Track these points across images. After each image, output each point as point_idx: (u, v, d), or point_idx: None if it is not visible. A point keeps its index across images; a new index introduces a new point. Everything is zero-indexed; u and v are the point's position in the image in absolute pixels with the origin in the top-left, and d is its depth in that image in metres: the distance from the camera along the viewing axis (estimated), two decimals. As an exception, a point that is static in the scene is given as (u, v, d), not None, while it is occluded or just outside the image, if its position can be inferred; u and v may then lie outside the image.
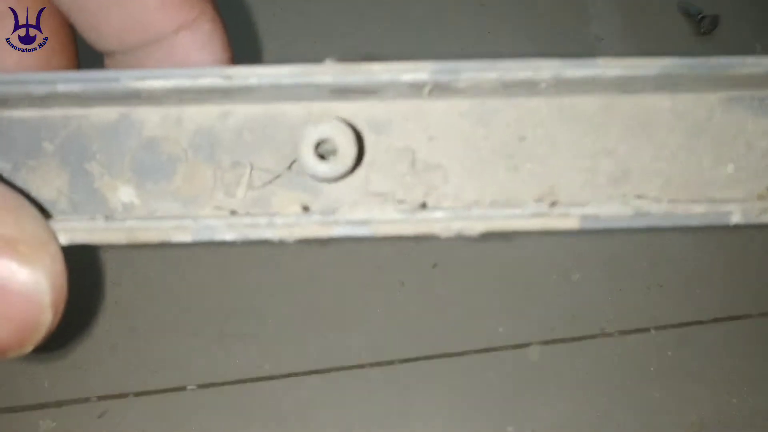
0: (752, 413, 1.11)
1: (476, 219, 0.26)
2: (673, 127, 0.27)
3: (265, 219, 0.26)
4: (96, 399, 1.07)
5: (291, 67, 0.25)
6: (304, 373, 1.10)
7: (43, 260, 0.23)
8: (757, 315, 1.19)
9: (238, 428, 1.07)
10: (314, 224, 0.26)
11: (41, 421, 1.04)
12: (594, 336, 1.17)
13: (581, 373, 1.14)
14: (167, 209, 0.28)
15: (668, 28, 1.48)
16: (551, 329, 1.17)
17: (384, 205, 0.27)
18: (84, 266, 1.10)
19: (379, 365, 1.12)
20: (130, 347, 1.11)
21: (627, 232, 1.25)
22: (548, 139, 0.27)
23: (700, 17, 1.46)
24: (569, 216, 0.26)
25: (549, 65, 0.24)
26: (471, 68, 0.25)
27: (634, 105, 0.27)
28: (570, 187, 0.27)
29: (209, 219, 0.26)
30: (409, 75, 0.25)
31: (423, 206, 0.27)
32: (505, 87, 0.26)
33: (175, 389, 1.08)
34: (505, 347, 1.15)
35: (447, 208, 0.27)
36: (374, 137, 0.28)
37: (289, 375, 1.10)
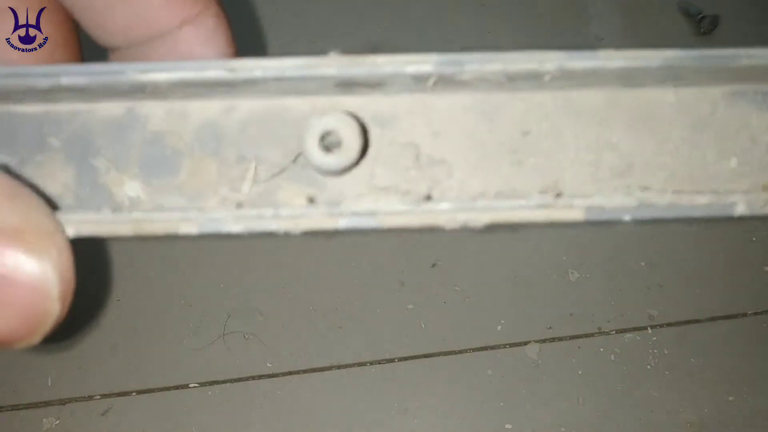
0: (751, 412, 1.11)
1: (481, 210, 0.26)
2: (677, 121, 0.27)
3: (271, 210, 0.26)
4: (99, 397, 1.07)
5: (295, 60, 0.25)
6: (305, 371, 1.11)
7: (50, 251, 0.23)
8: (753, 314, 1.19)
9: (240, 425, 1.07)
10: (320, 215, 0.26)
11: (45, 419, 1.05)
12: (591, 334, 1.17)
13: (579, 371, 1.14)
14: (173, 204, 0.27)
15: (668, 28, 1.48)
16: (549, 328, 1.17)
17: (389, 197, 0.27)
18: (87, 265, 1.10)
19: (380, 363, 1.12)
20: (133, 346, 1.11)
21: (625, 232, 1.25)
22: (552, 134, 0.27)
23: (700, 17, 1.46)
24: (574, 207, 0.26)
25: (553, 57, 0.24)
26: (475, 60, 0.25)
27: (638, 99, 0.27)
28: (574, 181, 0.27)
29: (215, 211, 0.26)
30: (414, 67, 0.25)
31: (428, 198, 0.27)
32: (510, 80, 0.26)
33: (178, 387, 1.08)
34: (504, 345, 1.15)
35: (452, 200, 0.27)
36: (378, 132, 0.28)
37: (290, 373, 1.10)
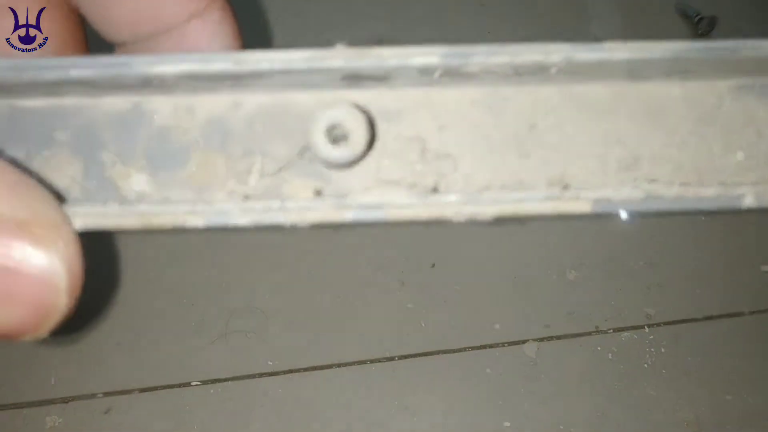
0: (748, 411, 1.12)
1: (488, 203, 0.26)
2: (683, 115, 0.27)
3: (278, 203, 0.26)
4: (102, 395, 1.07)
5: (302, 52, 0.25)
6: (306, 369, 1.11)
7: (58, 243, 0.23)
8: (750, 313, 1.19)
9: (241, 423, 1.07)
10: (327, 208, 0.26)
11: (48, 417, 1.04)
12: (589, 333, 1.17)
13: (577, 370, 1.14)
14: (180, 197, 0.27)
15: (667, 29, 1.49)
16: (547, 326, 1.17)
17: (396, 190, 0.27)
18: (90, 263, 1.09)
19: (380, 362, 1.12)
20: (135, 344, 1.11)
21: (623, 231, 1.26)
22: (559, 127, 0.27)
23: (698, 18, 1.46)
24: (581, 200, 0.26)
25: (559, 48, 0.24)
26: (481, 52, 0.24)
27: (644, 93, 0.27)
28: (581, 173, 0.27)
29: (222, 204, 0.26)
30: (420, 59, 0.25)
31: (435, 191, 0.27)
32: (516, 72, 0.26)
33: (180, 385, 1.08)
34: (503, 344, 1.16)
35: (459, 192, 0.27)
36: (385, 126, 0.28)
37: (292, 371, 1.10)
